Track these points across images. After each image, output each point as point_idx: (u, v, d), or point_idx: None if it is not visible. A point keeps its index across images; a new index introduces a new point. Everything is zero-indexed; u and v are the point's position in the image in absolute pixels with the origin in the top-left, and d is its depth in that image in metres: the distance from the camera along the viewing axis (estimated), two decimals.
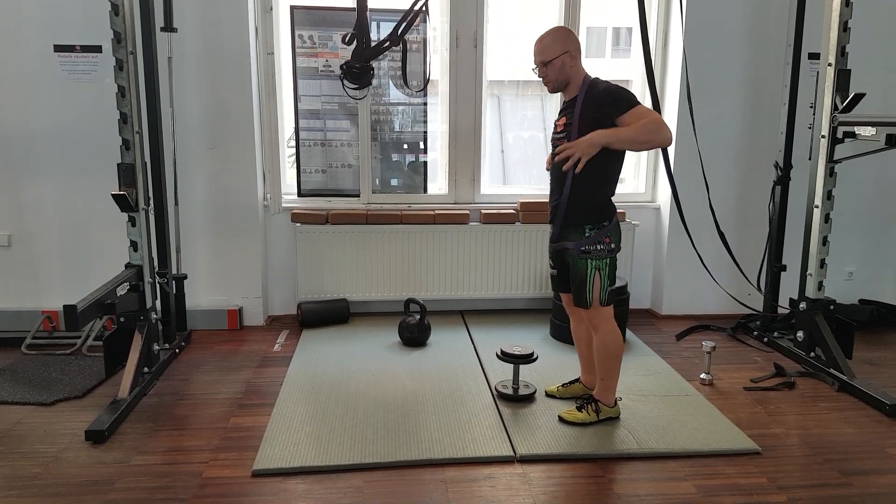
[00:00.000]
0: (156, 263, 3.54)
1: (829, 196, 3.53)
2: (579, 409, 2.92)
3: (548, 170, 2.94)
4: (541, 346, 3.80)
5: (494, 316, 4.40)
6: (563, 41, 2.75)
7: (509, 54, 4.63)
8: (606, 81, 2.77)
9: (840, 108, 3.39)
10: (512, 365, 3.18)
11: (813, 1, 3.81)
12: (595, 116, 2.69)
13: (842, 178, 3.58)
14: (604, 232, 2.78)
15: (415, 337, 3.87)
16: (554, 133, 2.90)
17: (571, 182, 2.76)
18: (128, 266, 3.26)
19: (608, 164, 2.75)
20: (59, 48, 3.77)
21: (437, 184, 4.49)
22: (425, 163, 4.44)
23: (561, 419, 2.92)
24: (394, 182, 4.44)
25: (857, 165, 3.68)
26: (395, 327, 3.98)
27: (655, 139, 2.66)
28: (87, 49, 3.77)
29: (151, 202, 3.47)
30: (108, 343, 3.13)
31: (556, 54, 2.74)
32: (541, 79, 2.83)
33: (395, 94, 4.32)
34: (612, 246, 2.80)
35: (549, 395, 3.21)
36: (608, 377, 2.89)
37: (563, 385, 3.22)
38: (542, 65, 2.78)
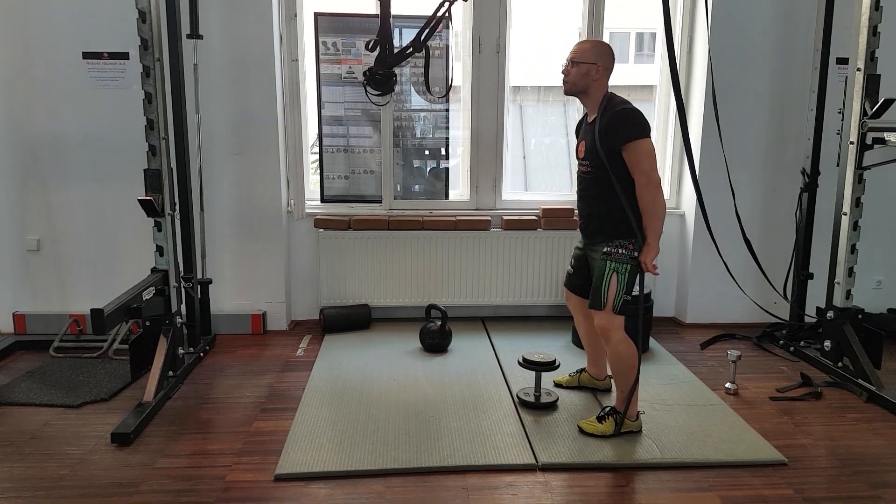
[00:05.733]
0: (181, 268, 3.58)
1: (857, 203, 3.48)
2: (600, 420, 2.89)
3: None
4: (563, 354, 3.77)
5: (516, 323, 4.39)
6: (599, 53, 2.79)
7: (532, 60, 4.63)
8: (621, 102, 2.76)
9: (869, 113, 3.34)
10: (534, 372, 3.16)
11: (841, 5, 3.77)
12: (610, 143, 2.71)
13: (871, 184, 3.52)
14: (629, 240, 2.77)
15: (436, 343, 3.87)
16: (578, 158, 2.94)
17: (598, 197, 2.79)
18: (154, 270, 3.30)
19: (630, 177, 2.74)
20: (87, 55, 3.84)
21: (459, 190, 4.49)
22: (447, 169, 4.44)
23: (581, 430, 2.89)
24: (415, 188, 4.45)
25: (886, 172, 3.62)
26: (416, 333, 3.99)
27: (662, 209, 2.72)
28: (114, 56, 3.84)
29: (177, 207, 3.51)
30: (133, 347, 3.17)
31: (587, 60, 2.78)
32: (563, 75, 2.86)
33: (417, 101, 4.34)
34: (635, 254, 2.77)
35: (557, 384, 3.35)
36: (627, 388, 2.85)
37: (569, 374, 3.36)
38: (571, 62, 2.82)
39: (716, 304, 4.40)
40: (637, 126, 2.69)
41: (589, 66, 2.77)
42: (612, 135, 2.71)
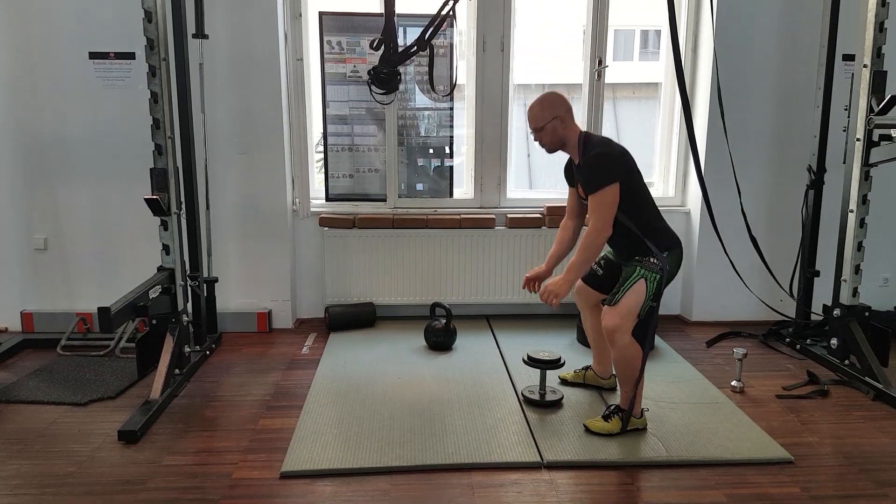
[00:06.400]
0: (187, 266, 3.59)
1: (864, 200, 3.46)
2: (605, 418, 2.88)
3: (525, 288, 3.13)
4: (567, 352, 3.76)
5: (520, 321, 4.38)
6: (550, 108, 2.85)
7: (536, 58, 4.63)
8: (596, 142, 2.83)
9: (876, 110, 3.32)
10: (539, 370, 3.16)
11: (847, 1, 3.75)
12: (588, 189, 2.80)
13: (877, 181, 3.50)
14: (662, 253, 2.81)
15: (441, 341, 3.88)
16: (581, 199, 3.01)
17: (613, 230, 2.82)
18: (160, 269, 3.31)
19: (631, 200, 2.79)
20: (93, 55, 3.86)
21: (463, 188, 4.50)
22: (451, 167, 4.45)
23: (586, 429, 2.89)
24: (420, 186, 4.45)
25: (892, 169, 3.59)
26: (421, 331, 3.99)
27: (593, 257, 2.82)
28: (120, 56, 3.86)
29: (183, 206, 3.52)
30: (140, 345, 3.18)
31: (546, 121, 2.85)
32: (537, 143, 2.95)
33: (421, 99, 4.34)
34: (667, 267, 2.80)
35: (562, 379, 3.36)
36: (631, 389, 2.85)
37: (575, 371, 3.37)
38: (536, 131, 2.90)
39: (721, 302, 4.39)
40: (603, 174, 2.74)
41: (552, 124, 2.85)
42: (585, 182, 2.81)
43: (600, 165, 2.75)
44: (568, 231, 3.12)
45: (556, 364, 3.13)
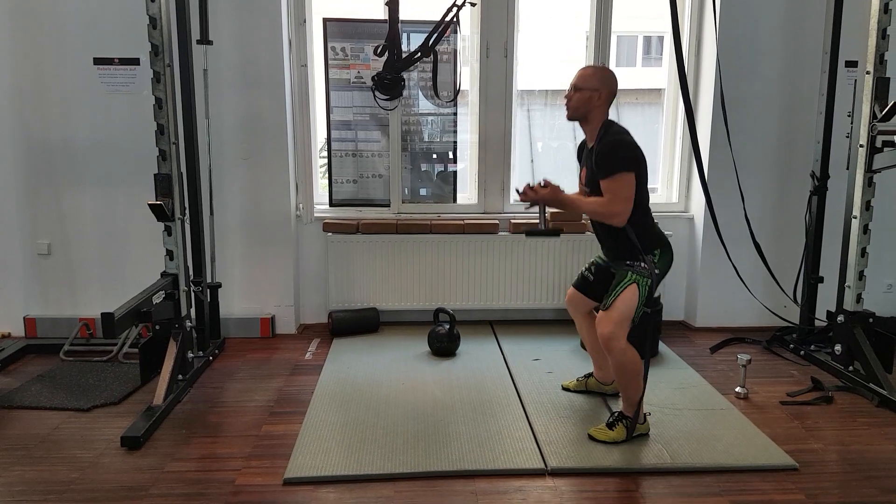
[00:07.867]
0: (191, 272, 3.60)
1: (867, 206, 3.46)
2: (610, 426, 2.87)
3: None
4: (571, 358, 3.78)
5: (524, 326, 4.38)
6: (600, 80, 2.81)
7: (540, 64, 4.63)
8: (614, 132, 2.77)
9: (879, 116, 3.33)
10: (537, 206, 3.00)
11: (850, 8, 3.76)
12: (600, 173, 2.75)
13: (880, 188, 3.50)
14: (652, 258, 2.80)
15: (444, 347, 3.87)
16: (580, 184, 3.00)
17: (603, 225, 2.84)
18: (163, 275, 3.32)
19: (636, 199, 2.77)
20: (98, 61, 3.86)
21: (467, 193, 4.50)
22: (455, 172, 4.45)
23: (591, 437, 2.87)
24: (423, 192, 4.46)
25: (895, 175, 3.61)
26: (424, 337, 3.98)
27: (601, 218, 2.80)
28: (125, 62, 3.87)
29: (187, 212, 3.52)
30: (143, 350, 3.19)
31: (590, 86, 2.80)
32: (565, 100, 2.88)
33: (425, 105, 4.35)
34: (657, 271, 2.79)
35: (564, 388, 3.36)
36: (633, 395, 2.83)
37: (577, 379, 3.36)
38: (574, 88, 2.84)
39: (725, 308, 4.38)
40: (621, 159, 2.69)
41: (591, 93, 2.79)
42: (599, 166, 2.74)
43: (620, 150, 2.70)
44: None
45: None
